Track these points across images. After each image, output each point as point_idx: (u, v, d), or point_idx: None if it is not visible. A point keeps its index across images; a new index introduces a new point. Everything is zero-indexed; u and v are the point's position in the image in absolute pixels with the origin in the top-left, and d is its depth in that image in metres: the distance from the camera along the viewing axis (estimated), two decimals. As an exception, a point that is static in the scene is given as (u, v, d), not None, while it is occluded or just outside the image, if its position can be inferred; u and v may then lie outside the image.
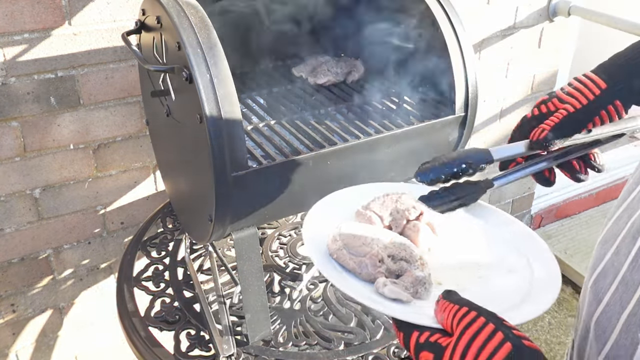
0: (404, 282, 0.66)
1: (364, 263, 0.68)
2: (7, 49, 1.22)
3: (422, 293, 0.66)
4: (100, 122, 1.38)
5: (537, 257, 0.71)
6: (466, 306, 0.53)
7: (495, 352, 0.48)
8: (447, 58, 1.07)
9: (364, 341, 1.06)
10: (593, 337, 0.55)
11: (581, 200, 2.63)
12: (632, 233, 0.52)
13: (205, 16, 0.90)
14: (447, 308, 0.54)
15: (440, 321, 0.55)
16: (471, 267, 0.72)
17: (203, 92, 0.84)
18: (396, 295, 0.63)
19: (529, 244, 0.73)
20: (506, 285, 0.68)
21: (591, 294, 0.57)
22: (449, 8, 1.09)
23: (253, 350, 1.04)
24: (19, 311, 1.49)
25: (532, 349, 0.48)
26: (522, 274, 0.69)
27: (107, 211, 1.49)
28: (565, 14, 1.98)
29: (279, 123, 1.12)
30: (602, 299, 0.54)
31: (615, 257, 0.53)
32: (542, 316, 2.22)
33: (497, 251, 0.74)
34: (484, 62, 1.95)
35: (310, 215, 0.76)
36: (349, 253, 0.69)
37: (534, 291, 0.65)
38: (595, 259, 0.58)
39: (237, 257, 0.99)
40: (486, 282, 0.69)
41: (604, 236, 0.58)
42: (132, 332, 1.09)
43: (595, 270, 0.57)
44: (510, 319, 0.56)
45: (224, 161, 0.86)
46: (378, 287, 0.65)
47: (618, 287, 0.52)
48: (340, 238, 0.70)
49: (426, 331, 0.55)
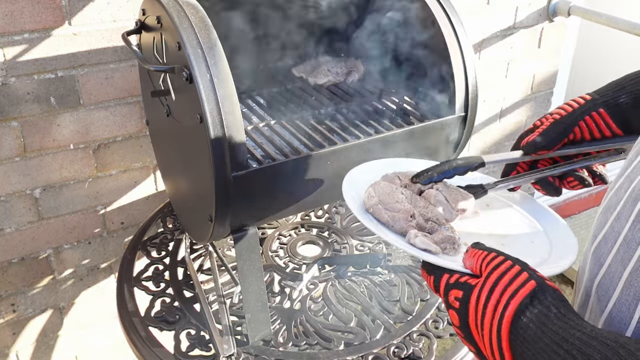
0: (435, 237, 0.72)
1: (397, 217, 0.74)
2: (7, 49, 1.22)
3: (450, 250, 0.71)
4: (100, 122, 1.38)
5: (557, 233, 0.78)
6: (494, 252, 0.59)
7: (521, 287, 0.53)
8: (447, 58, 1.07)
9: (364, 341, 1.06)
10: (595, 300, 0.57)
11: (581, 200, 2.63)
12: (633, 197, 0.54)
13: (205, 16, 0.90)
14: (476, 254, 0.60)
15: (469, 266, 0.61)
16: (495, 237, 0.78)
17: (203, 92, 0.84)
18: (426, 245, 0.69)
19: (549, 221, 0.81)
20: (527, 250, 0.74)
21: (592, 260, 0.59)
22: (449, 8, 1.09)
23: (253, 350, 1.04)
24: (19, 311, 1.49)
25: (553, 287, 0.53)
26: (542, 243, 0.76)
27: (107, 211, 1.49)
28: (565, 14, 1.98)
29: (279, 123, 1.12)
30: (604, 263, 0.56)
31: (617, 222, 0.56)
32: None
33: (521, 226, 0.81)
34: (484, 62, 1.95)
35: (350, 174, 0.83)
36: (384, 208, 0.75)
37: (553, 256, 0.72)
38: (595, 228, 0.60)
39: (237, 257, 0.99)
40: (509, 248, 0.74)
41: (605, 205, 0.60)
42: (132, 332, 1.10)
43: (597, 237, 0.59)
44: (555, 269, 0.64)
45: (224, 161, 0.86)
46: (410, 237, 0.71)
47: (619, 249, 0.54)
48: (376, 194, 0.77)
49: (456, 274, 0.61)
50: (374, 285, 1.20)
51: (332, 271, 1.25)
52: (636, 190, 0.54)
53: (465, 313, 0.57)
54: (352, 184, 0.81)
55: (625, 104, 0.75)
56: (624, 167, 0.60)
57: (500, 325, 0.52)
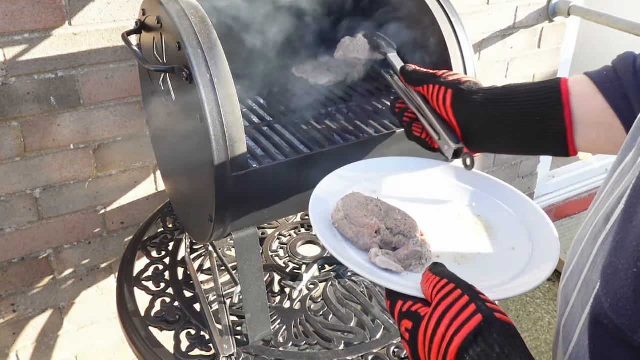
0: (399, 254, 0.69)
1: (361, 233, 0.71)
2: (7, 49, 1.22)
3: (416, 267, 0.69)
4: (101, 122, 1.38)
5: (542, 237, 0.74)
6: (447, 278, 0.56)
7: (466, 322, 0.50)
8: (447, 58, 1.07)
9: (364, 341, 1.06)
10: (561, 340, 0.56)
11: (581, 200, 2.63)
12: (594, 234, 0.53)
13: (205, 16, 0.90)
14: (430, 279, 0.57)
15: (423, 292, 0.58)
16: (473, 243, 0.75)
17: (203, 92, 0.84)
18: (386, 265, 0.67)
19: (537, 225, 0.76)
20: (506, 260, 0.71)
21: (562, 295, 0.58)
22: (449, 8, 1.09)
23: (253, 350, 1.04)
24: (19, 311, 1.49)
25: (502, 321, 0.50)
26: (524, 250, 0.72)
27: (107, 211, 1.49)
28: (565, 14, 1.98)
29: (279, 123, 1.12)
30: (569, 301, 0.54)
31: (581, 258, 0.54)
32: (542, 316, 2.23)
33: (504, 230, 0.77)
34: (484, 62, 1.95)
35: (318, 187, 0.80)
36: (349, 223, 0.73)
37: (531, 266, 0.68)
38: (567, 262, 0.59)
39: (237, 257, 0.99)
40: (485, 257, 0.73)
41: (576, 239, 0.59)
42: (132, 332, 1.09)
43: (567, 272, 0.58)
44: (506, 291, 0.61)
45: (224, 161, 0.86)
46: (370, 256, 0.69)
47: (581, 288, 0.52)
48: (344, 208, 0.74)
49: (409, 300, 0.59)
50: (373, 285, 1.20)
51: (332, 271, 1.25)
52: (597, 227, 0.52)
53: (415, 346, 0.55)
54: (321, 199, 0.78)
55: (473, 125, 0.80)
56: (594, 200, 0.59)
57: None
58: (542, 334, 2.16)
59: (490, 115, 0.78)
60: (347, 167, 0.86)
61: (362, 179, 0.85)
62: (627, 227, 0.44)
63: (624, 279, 0.42)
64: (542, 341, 2.13)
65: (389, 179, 0.87)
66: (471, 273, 0.66)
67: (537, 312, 2.25)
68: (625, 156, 0.55)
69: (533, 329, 2.18)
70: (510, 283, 0.66)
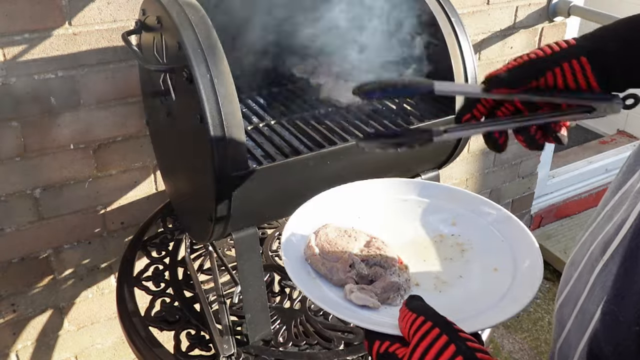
0: (375, 287, 0.66)
1: (335, 268, 0.68)
2: (7, 49, 1.22)
3: (395, 299, 0.66)
4: (100, 122, 1.38)
5: (525, 254, 0.70)
6: (423, 315, 0.53)
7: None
8: (447, 58, 1.07)
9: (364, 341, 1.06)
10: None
11: (581, 200, 2.63)
12: (591, 262, 0.51)
13: (205, 16, 0.90)
14: (406, 317, 0.54)
15: (401, 329, 0.55)
16: (455, 267, 0.72)
17: (203, 92, 0.84)
18: (363, 302, 0.64)
19: (519, 240, 0.73)
20: (488, 283, 0.68)
21: (557, 319, 0.56)
22: (449, 8, 1.09)
23: (253, 350, 1.04)
24: (19, 311, 1.49)
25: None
26: (506, 270, 0.69)
27: (107, 211, 1.49)
28: (565, 14, 1.98)
29: (279, 123, 1.12)
30: (565, 326, 0.53)
31: (577, 283, 0.53)
32: (542, 316, 2.23)
33: (485, 249, 0.74)
34: (484, 62, 1.95)
35: (290, 221, 0.75)
36: (322, 258, 0.69)
37: (515, 289, 0.65)
38: (562, 283, 0.57)
39: (237, 257, 0.99)
40: (467, 281, 0.70)
41: (571, 260, 0.57)
42: (132, 332, 1.09)
43: (562, 294, 0.56)
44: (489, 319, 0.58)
45: (224, 161, 0.86)
46: (346, 293, 0.66)
47: (577, 315, 0.51)
48: (317, 243, 0.71)
49: (387, 341, 0.55)
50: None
51: (332, 271, 1.25)
52: (595, 253, 0.51)
53: None
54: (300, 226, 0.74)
55: (612, 53, 0.64)
56: (591, 219, 0.58)
57: None
58: (542, 334, 2.16)
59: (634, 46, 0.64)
60: (321, 195, 0.81)
61: (336, 207, 0.80)
62: (627, 280, 0.43)
63: (626, 333, 0.41)
64: (542, 341, 2.13)
65: (362, 204, 0.82)
66: (452, 300, 0.64)
67: (537, 312, 2.25)
68: (627, 179, 0.54)
69: (533, 329, 2.18)
70: (493, 309, 0.63)
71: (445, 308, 0.54)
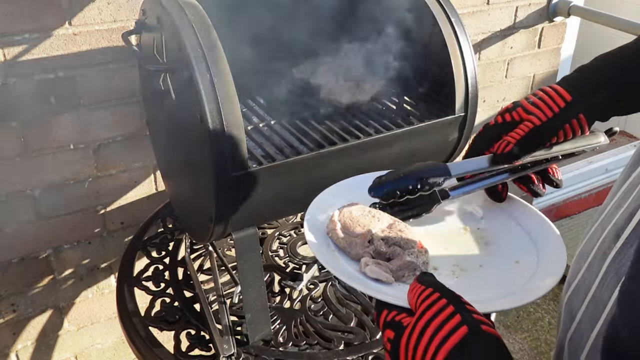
0: (392, 265, 0.67)
1: (354, 243, 0.70)
2: (7, 49, 1.22)
3: (409, 277, 0.67)
4: (100, 122, 1.38)
5: (547, 245, 0.71)
6: (432, 287, 0.53)
7: (451, 334, 0.48)
8: (447, 58, 1.07)
9: (364, 341, 1.06)
10: (567, 355, 0.55)
11: (581, 200, 2.63)
12: (603, 250, 0.51)
13: (205, 16, 0.90)
14: (415, 288, 0.55)
15: (409, 301, 0.56)
16: (476, 257, 0.73)
17: (203, 92, 0.84)
18: (376, 275, 0.65)
19: (541, 232, 0.74)
20: (508, 273, 0.69)
21: (566, 311, 0.56)
22: (449, 8, 1.09)
23: (253, 350, 1.04)
24: (19, 311, 1.49)
25: (488, 333, 0.48)
26: (527, 262, 0.69)
27: (107, 211, 1.49)
28: (565, 14, 1.98)
29: (279, 123, 1.12)
30: (575, 317, 0.53)
31: (588, 273, 0.53)
32: (542, 316, 2.23)
33: (509, 243, 0.75)
34: (484, 62, 1.95)
35: (318, 197, 0.78)
36: (343, 232, 0.71)
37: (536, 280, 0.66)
38: (570, 275, 0.58)
39: (237, 257, 0.99)
40: (486, 270, 0.70)
41: (580, 251, 0.57)
42: (132, 332, 1.09)
43: (570, 286, 0.57)
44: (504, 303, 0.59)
45: (224, 161, 0.86)
46: (361, 266, 0.67)
47: (589, 305, 0.51)
48: (339, 218, 0.73)
49: (394, 310, 0.56)
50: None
51: (332, 271, 1.25)
52: (606, 242, 0.51)
53: (396, 357, 0.53)
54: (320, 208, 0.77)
55: (603, 102, 0.69)
56: (599, 212, 0.58)
57: None
58: (542, 334, 2.16)
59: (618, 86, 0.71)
60: (355, 178, 0.83)
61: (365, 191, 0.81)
62: None
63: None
64: (542, 341, 2.13)
65: None
66: (466, 285, 0.64)
67: (537, 312, 2.25)
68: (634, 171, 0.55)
69: (533, 329, 2.18)
70: (511, 295, 0.64)
71: (460, 291, 0.54)
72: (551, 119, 0.70)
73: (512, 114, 0.73)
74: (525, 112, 0.72)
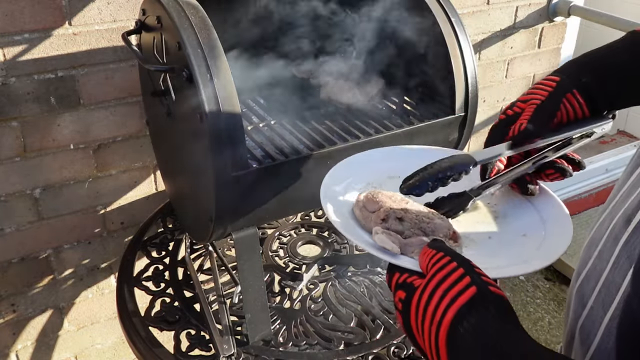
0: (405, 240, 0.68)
1: (369, 217, 0.72)
2: (7, 49, 1.22)
3: (417, 254, 0.67)
4: (100, 122, 1.38)
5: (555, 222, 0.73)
6: (443, 251, 0.56)
7: (461, 294, 0.50)
8: (447, 58, 1.07)
9: (364, 341, 1.06)
10: (578, 342, 0.55)
11: (581, 200, 2.63)
12: (614, 236, 0.52)
13: (205, 16, 0.90)
14: (426, 253, 0.58)
15: (420, 265, 0.59)
16: (485, 229, 0.75)
17: (203, 92, 0.84)
18: (383, 243, 0.66)
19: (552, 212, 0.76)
20: (516, 245, 0.71)
21: (576, 298, 0.57)
22: (449, 8, 1.09)
23: (253, 350, 1.04)
24: (19, 311, 1.49)
25: (496, 294, 0.50)
26: (535, 236, 0.72)
27: (107, 211, 1.49)
28: (565, 14, 1.98)
29: (279, 123, 1.12)
30: (587, 304, 0.54)
31: (598, 260, 0.54)
32: (542, 316, 2.23)
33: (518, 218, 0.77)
34: (484, 62, 1.95)
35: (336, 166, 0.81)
36: (364, 207, 0.73)
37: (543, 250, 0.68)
38: (580, 264, 0.58)
39: (237, 257, 0.99)
40: (495, 241, 0.73)
41: (589, 241, 0.58)
42: (132, 332, 1.10)
43: (580, 275, 0.57)
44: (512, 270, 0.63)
45: (224, 161, 0.86)
46: (373, 233, 0.69)
47: (601, 290, 0.52)
48: (367, 196, 0.74)
49: (405, 273, 0.59)
50: (374, 285, 1.20)
51: (332, 271, 1.25)
52: (617, 228, 0.52)
53: (407, 316, 0.55)
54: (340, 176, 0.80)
55: (590, 84, 0.73)
56: (607, 202, 0.59)
57: (438, 333, 0.50)
58: (542, 334, 2.16)
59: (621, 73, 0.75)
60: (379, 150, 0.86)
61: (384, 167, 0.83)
62: None
63: None
64: (542, 341, 2.13)
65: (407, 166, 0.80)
66: (475, 254, 0.65)
67: (537, 312, 2.25)
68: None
69: (533, 329, 2.18)
70: (518, 265, 0.66)
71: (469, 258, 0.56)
72: (548, 97, 0.73)
73: (513, 109, 0.77)
74: (524, 102, 0.76)
